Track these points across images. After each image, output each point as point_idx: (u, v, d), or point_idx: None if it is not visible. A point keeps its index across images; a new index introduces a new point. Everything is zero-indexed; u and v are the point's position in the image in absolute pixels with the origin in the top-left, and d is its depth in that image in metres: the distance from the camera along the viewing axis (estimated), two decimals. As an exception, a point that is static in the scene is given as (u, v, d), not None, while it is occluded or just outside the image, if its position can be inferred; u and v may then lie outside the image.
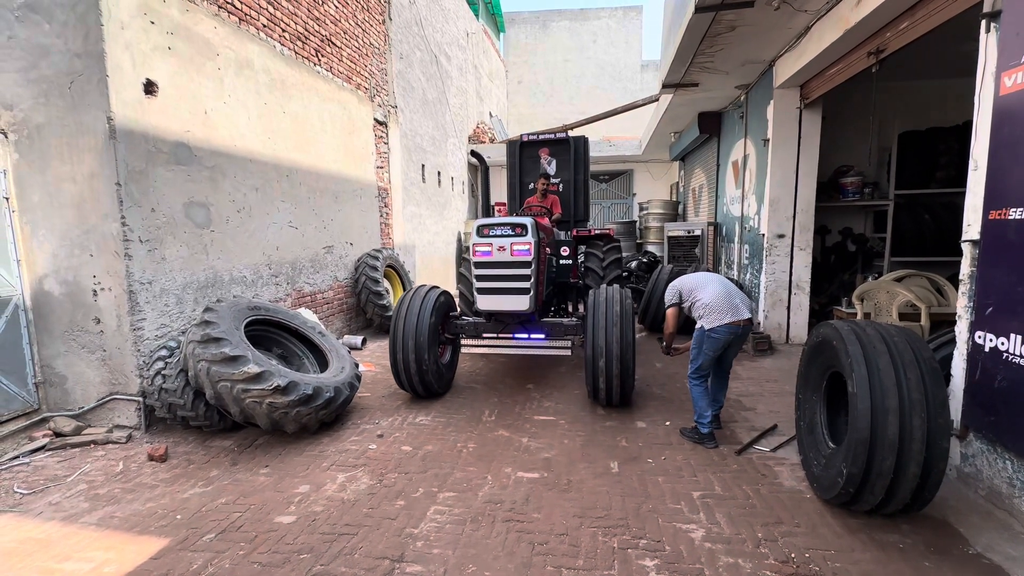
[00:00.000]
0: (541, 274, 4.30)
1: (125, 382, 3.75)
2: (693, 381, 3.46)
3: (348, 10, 6.76)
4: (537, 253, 4.09)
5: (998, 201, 2.46)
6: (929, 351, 2.33)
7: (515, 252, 4.02)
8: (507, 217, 4.36)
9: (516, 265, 4.05)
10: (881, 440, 2.18)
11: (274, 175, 5.19)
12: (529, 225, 4.07)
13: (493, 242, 4.06)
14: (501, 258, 4.05)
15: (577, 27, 18.78)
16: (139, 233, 3.69)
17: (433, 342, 4.16)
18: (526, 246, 4.02)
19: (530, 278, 4.04)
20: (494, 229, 4.10)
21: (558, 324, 4.28)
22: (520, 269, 4.05)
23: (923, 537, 2.33)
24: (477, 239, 4.12)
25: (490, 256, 4.07)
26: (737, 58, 5.59)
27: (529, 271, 4.04)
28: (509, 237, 4.05)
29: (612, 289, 3.95)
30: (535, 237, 4.07)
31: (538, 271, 4.15)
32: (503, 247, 4.04)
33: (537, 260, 4.10)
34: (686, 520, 2.53)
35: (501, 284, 4.10)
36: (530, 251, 4.01)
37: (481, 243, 4.09)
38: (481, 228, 4.15)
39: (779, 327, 6.06)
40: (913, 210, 6.30)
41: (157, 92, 3.83)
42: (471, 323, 4.52)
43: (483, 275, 4.13)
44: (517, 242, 4.02)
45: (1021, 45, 2.32)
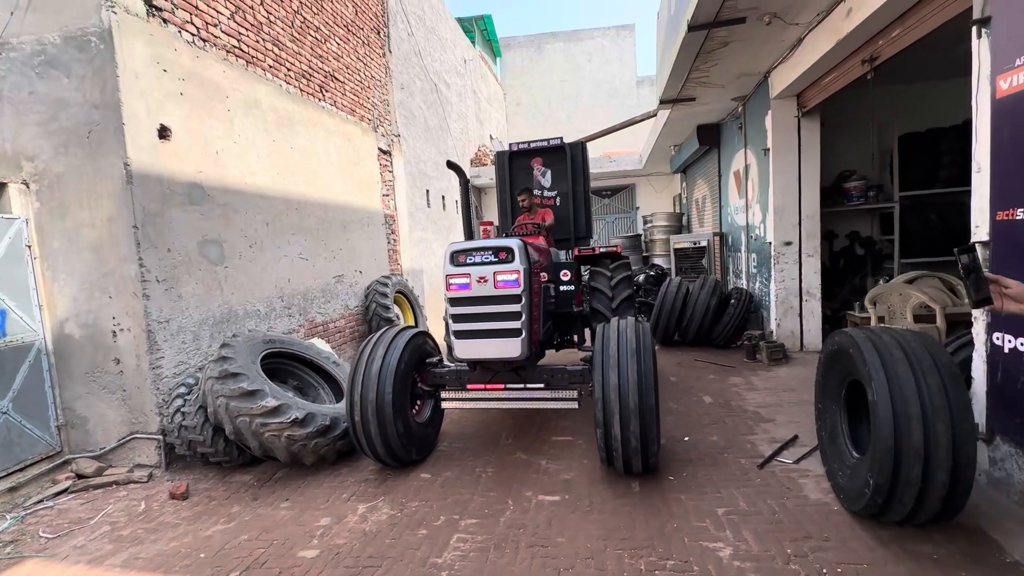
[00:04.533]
0: (536, 308, 3.54)
1: (145, 421, 3.79)
2: None
3: (349, 46, 6.98)
4: (528, 283, 3.30)
5: (1004, 202, 2.47)
6: (947, 355, 2.31)
7: (500, 284, 3.22)
8: (488, 240, 3.43)
9: (502, 300, 3.24)
10: (906, 448, 2.15)
11: (284, 209, 5.30)
12: (516, 249, 3.25)
13: (472, 272, 3.25)
14: (482, 292, 3.25)
15: (571, 48, 19.16)
16: (156, 273, 3.78)
17: (403, 397, 3.35)
18: (513, 275, 3.21)
19: (520, 315, 3.22)
20: (472, 255, 3.29)
21: (560, 371, 3.46)
22: (507, 305, 3.24)
23: (958, 546, 2.28)
24: (451, 269, 3.29)
25: (468, 290, 3.26)
26: (732, 72, 5.69)
27: (519, 307, 3.22)
28: (491, 265, 3.25)
29: (625, 324, 3.14)
30: (525, 263, 3.26)
31: (531, 305, 3.34)
32: (484, 278, 3.23)
33: (529, 292, 3.30)
34: (712, 538, 2.49)
35: (484, 325, 3.29)
36: (518, 281, 3.21)
37: (456, 274, 3.28)
38: (455, 255, 3.31)
39: (792, 335, 6.01)
40: (919, 211, 6.28)
41: (170, 136, 3.96)
42: (452, 372, 3.64)
43: (461, 314, 3.31)
44: (502, 271, 3.21)
45: (1013, 49, 2.36)
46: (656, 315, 6.69)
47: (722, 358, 5.97)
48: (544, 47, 19.34)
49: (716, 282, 6.61)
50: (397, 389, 3.29)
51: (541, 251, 4.18)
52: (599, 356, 2.98)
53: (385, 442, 3.27)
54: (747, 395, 4.62)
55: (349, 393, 3.32)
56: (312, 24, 6.08)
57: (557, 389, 3.36)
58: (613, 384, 2.84)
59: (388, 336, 3.50)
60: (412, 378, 3.58)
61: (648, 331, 3.12)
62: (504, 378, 3.51)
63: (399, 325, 3.58)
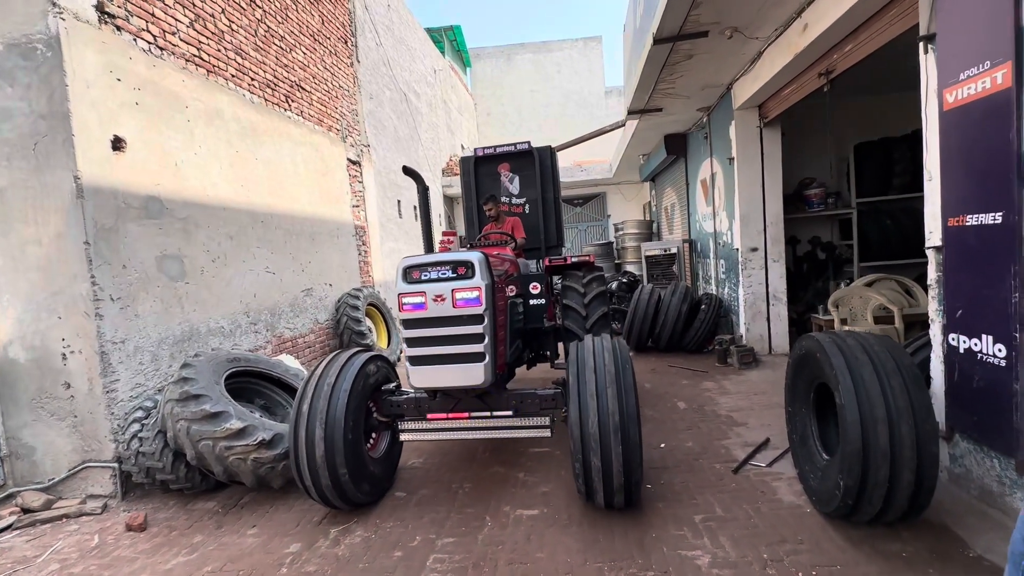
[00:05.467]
0: (501, 328, 3.24)
1: (99, 448, 3.57)
2: None
3: (316, 55, 6.87)
4: (492, 300, 2.99)
5: (954, 209, 2.58)
6: (909, 358, 2.39)
7: (459, 303, 2.90)
8: (445, 254, 3.05)
9: (462, 321, 2.93)
10: (874, 450, 2.20)
11: (248, 222, 5.14)
12: (476, 263, 2.93)
13: (427, 290, 2.93)
14: (439, 312, 2.92)
15: (541, 59, 19.41)
16: (110, 291, 3.58)
17: (355, 433, 2.97)
18: (474, 292, 2.89)
19: (483, 337, 2.92)
20: (427, 271, 2.95)
21: (530, 395, 3.17)
22: (468, 326, 2.92)
23: (925, 544, 2.34)
24: (404, 287, 2.95)
25: (423, 310, 2.93)
26: (697, 83, 5.84)
27: (481, 328, 2.91)
28: (449, 281, 2.92)
29: (601, 344, 2.88)
30: (487, 278, 2.94)
31: (495, 325, 3.04)
32: (441, 296, 2.91)
33: (492, 310, 3.00)
34: (691, 547, 2.49)
35: (442, 349, 2.96)
36: (480, 299, 2.89)
37: (410, 292, 2.94)
38: (408, 271, 2.97)
39: (761, 338, 6.16)
40: (875, 216, 6.56)
41: (125, 148, 3.79)
42: (411, 400, 3.29)
43: (416, 337, 2.98)
44: (461, 287, 2.90)
45: (958, 64, 2.49)
46: (629, 322, 6.76)
47: (694, 363, 6.07)
48: (514, 58, 19.53)
49: (687, 288, 6.73)
50: (348, 425, 2.91)
51: (509, 262, 3.95)
52: (574, 380, 2.74)
53: (335, 485, 2.88)
54: (720, 399, 4.69)
55: (293, 431, 2.91)
56: (277, 33, 5.96)
57: (527, 416, 3.10)
58: (591, 413, 2.58)
59: (338, 363, 3.11)
60: (367, 408, 3.24)
61: (626, 349, 2.87)
62: (468, 405, 3.22)
63: (350, 349, 3.27)
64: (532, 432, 3.04)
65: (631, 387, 2.66)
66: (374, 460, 3.23)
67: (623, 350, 2.85)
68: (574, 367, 2.80)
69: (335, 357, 3.18)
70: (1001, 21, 2.23)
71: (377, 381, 3.31)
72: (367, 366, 3.19)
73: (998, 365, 2.35)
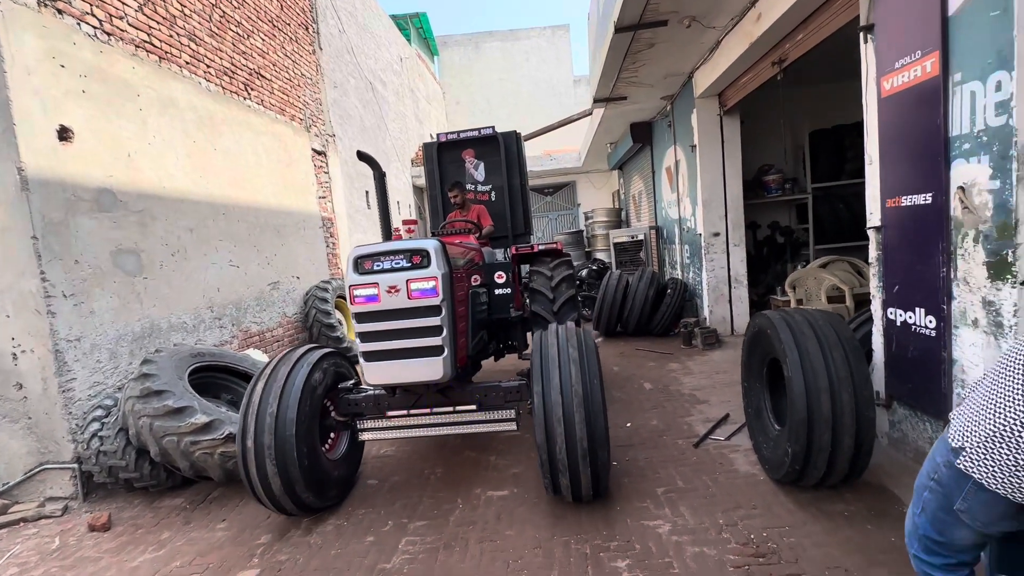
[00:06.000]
0: (462, 319, 3.13)
1: (57, 449, 3.47)
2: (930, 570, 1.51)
3: (276, 42, 6.68)
4: (450, 290, 2.88)
5: (892, 191, 2.75)
6: (849, 331, 2.55)
7: (414, 294, 2.76)
8: (398, 242, 2.89)
9: (418, 313, 2.78)
10: (818, 417, 2.35)
11: (209, 214, 5.00)
12: (432, 251, 2.79)
13: (380, 281, 2.76)
14: (394, 304, 2.76)
15: (509, 47, 19.28)
16: (62, 288, 3.46)
17: (310, 436, 2.81)
18: (430, 283, 2.75)
19: (441, 330, 2.79)
20: (380, 261, 2.79)
21: (494, 388, 3.08)
22: (424, 318, 2.78)
23: (865, 503, 2.52)
24: (355, 278, 2.79)
25: (377, 303, 2.77)
26: (659, 72, 5.95)
27: (438, 320, 2.78)
28: (403, 271, 2.77)
29: (564, 332, 2.79)
30: (443, 267, 2.81)
31: (454, 316, 2.94)
32: (395, 287, 2.75)
33: (451, 300, 2.88)
34: (652, 517, 2.62)
35: (398, 343, 2.81)
36: (436, 289, 2.75)
37: (362, 284, 2.77)
38: (360, 261, 2.81)
39: (724, 320, 6.39)
40: (829, 201, 6.86)
41: (73, 138, 3.64)
42: (370, 397, 3.12)
43: (370, 332, 2.82)
44: (416, 277, 2.75)
45: (894, 53, 2.63)
46: (599, 308, 6.89)
47: (661, 346, 6.25)
48: (482, 46, 19.34)
49: (653, 274, 6.90)
50: (301, 428, 2.73)
51: (472, 251, 3.84)
52: (537, 371, 2.64)
53: (290, 494, 2.70)
54: (684, 379, 4.86)
55: (240, 438, 2.71)
56: (233, 19, 5.76)
57: (492, 409, 3.01)
58: (555, 405, 2.50)
59: (288, 361, 2.92)
60: (323, 408, 3.09)
61: (590, 337, 2.81)
62: (430, 401, 3.10)
63: (305, 346, 3.11)
64: (497, 426, 2.97)
65: (597, 379, 2.59)
66: (333, 462, 3.06)
67: (588, 339, 2.78)
68: (537, 357, 2.72)
69: (286, 355, 3.00)
70: (930, 12, 2.37)
71: (333, 378, 3.14)
72: (321, 363, 3.02)
73: (929, 336, 2.53)
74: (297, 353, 3.03)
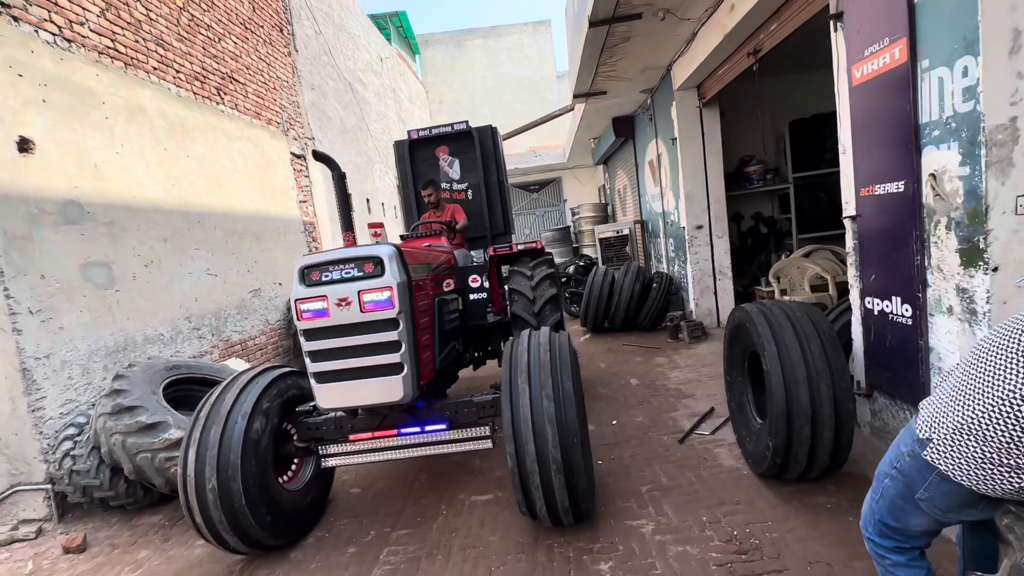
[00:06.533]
0: (426, 331, 2.85)
1: (28, 470, 3.37)
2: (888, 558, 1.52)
3: (248, 45, 6.56)
4: (409, 300, 2.59)
5: (865, 179, 2.74)
6: (827, 322, 2.54)
7: (367, 306, 2.46)
8: (347, 249, 2.58)
9: (372, 327, 2.48)
10: (796, 410, 2.34)
11: (183, 223, 4.90)
12: (386, 257, 2.51)
13: (329, 293, 2.46)
14: (345, 318, 2.47)
15: (491, 44, 19.18)
16: (28, 304, 3.36)
17: (262, 470, 2.54)
18: (384, 293, 2.46)
19: (399, 346, 2.50)
20: (328, 271, 2.49)
21: (466, 403, 2.80)
22: (379, 333, 2.48)
23: (847, 494, 2.52)
24: (301, 291, 2.49)
25: (326, 318, 2.47)
26: (637, 65, 5.92)
27: (395, 334, 2.49)
28: (354, 281, 2.48)
29: (537, 340, 2.54)
30: (400, 275, 2.53)
31: (414, 330, 2.63)
32: (346, 299, 2.45)
33: (410, 311, 2.59)
34: (636, 516, 2.59)
35: (351, 362, 2.51)
36: (392, 301, 2.46)
37: (309, 297, 2.47)
38: (306, 272, 2.51)
39: (710, 312, 6.39)
40: (810, 190, 6.88)
41: (34, 149, 3.53)
42: (331, 420, 2.81)
43: (319, 350, 2.52)
44: (368, 288, 2.46)
45: (863, 41, 2.62)
46: (585, 304, 6.87)
47: (648, 340, 6.24)
48: (464, 43, 19.23)
49: (639, 268, 6.89)
50: (248, 461, 2.46)
51: (443, 254, 3.63)
52: (506, 389, 2.38)
53: (240, 535, 2.45)
54: (670, 374, 4.86)
55: (181, 474, 2.45)
56: (203, 22, 5.64)
57: (464, 427, 2.74)
58: (524, 422, 2.25)
59: (237, 385, 2.64)
60: (283, 432, 2.85)
61: (566, 345, 2.56)
62: (396, 420, 2.80)
63: (257, 367, 2.86)
64: (471, 445, 2.71)
65: (571, 391, 2.33)
66: (293, 493, 2.79)
67: (563, 347, 2.52)
68: (507, 369, 2.45)
69: (236, 378, 2.74)
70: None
71: (290, 401, 2.86)
72: (276, 384, 2.76)
73: (906, 324, 2.53)
74: (249, 375, 2.75)
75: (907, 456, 1.38)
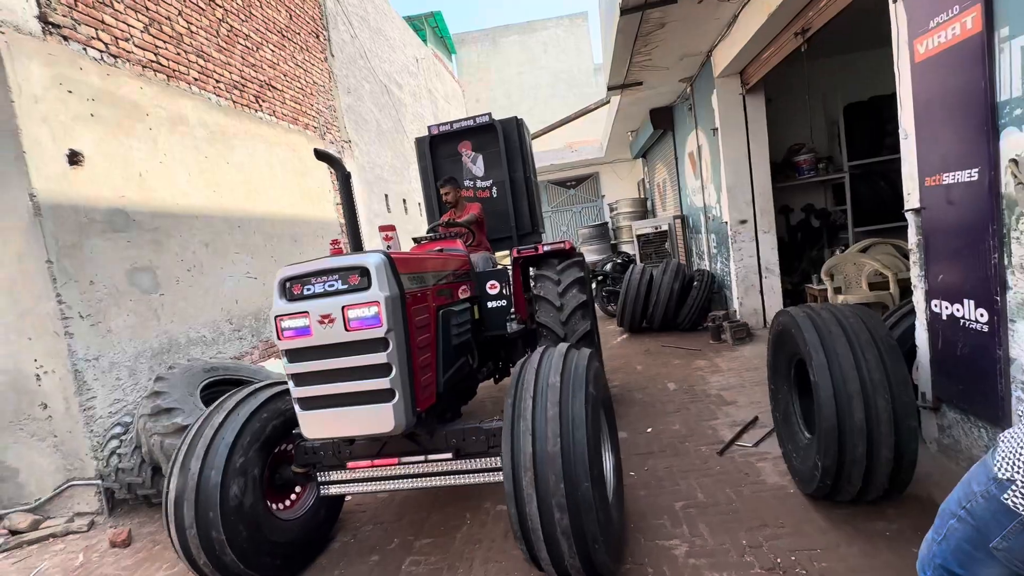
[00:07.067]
0: (426, 349, 2.50)
1: (81, 466, 3.56)
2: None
3: (285, 52, 6.72)
4: (402, 316, 2.24)
5: (931, 168, 2.44)
6: (885, 328, 2.28)
7: (352, 324, 2.14)
8: (332, 259, 2.25)
9: (358, 348, 2.16)
10: (849, 427, 2.11)
11: (224, 228, 5.06)
12: (373, 267, 2.16)
13: (311, 308, 2.15)
14: (328, 338, 2.16)
15: (527, 40, 19.03)
16: (79, 309, 3.54)
17: (247, 495, 2.33)
18: (371, 309, 2.13)
19: (389, 369, 2.16)
20: (311, 284, 2.19)
21: (474, 430, 2.44)
22: (366, 355, 2.16)
23: (910, 520, 2.25)
24: (282, 306, 2.20)
25: (309, 336, 2.17)
26: (674, 53, 5.63)
27: (384, 356, 2.15)
28: (338, 295, 2.17)
29: (549, 361, 2.18)
30: (390, 288, 2.18)
31: (409, 350, 2.28)
32: (329, 316, 2.14)
33: (403, 329, 2.24)
34: (668, 536, 2.42)
35: (336, 387, 2.21)
36: (379, 318, 2.12)
37: (290, 313, 2.18)
38: (288, 284, 2.22)
39: (755, 312, 6.03)
40: (869, 179, 6.36)
41: (83, 161, 3.71)
42: (328, 445, 2.55)
43: (302, 373, 2.23)
44: (353, 303, 2.14)
45: (927, 11, 2.32)
46: (622, 303, 6.65)
47: (688, 341, 5.96)
48: (499, 40, 19.17)
49: (679, 265, 6.59)
50: (229, 491, 2.26)
51: (457, 259, 3.34)
52: (508, 415, 2.04)
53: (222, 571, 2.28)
54: (711, 378, 4.59)
55: (163, 504, 2.31)
56: (241, 32, 5.82)
57: (472, 457, 2.41)
58: (524, 468, 1.89)
59: (225, 407, 2.45)
60: (280, 457, 2.66)
61: (585, 364, 2.17)
62: (397, 447, 2.51)
63: (249, 387, 2.66)
64: (480, 478, 2.41)
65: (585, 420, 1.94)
66: (288, 523, 2.56)
67: (580, 367, 2.12)
68: (509, 399, 2.09)
69: (225, 399, 2.55)
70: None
71: (285, 423, 2.60)
72: (268, 406, 2.53)
73: (981, 331, 2.23)
74: (238, 396, 2.55)
75: (980, 497, 1.17)
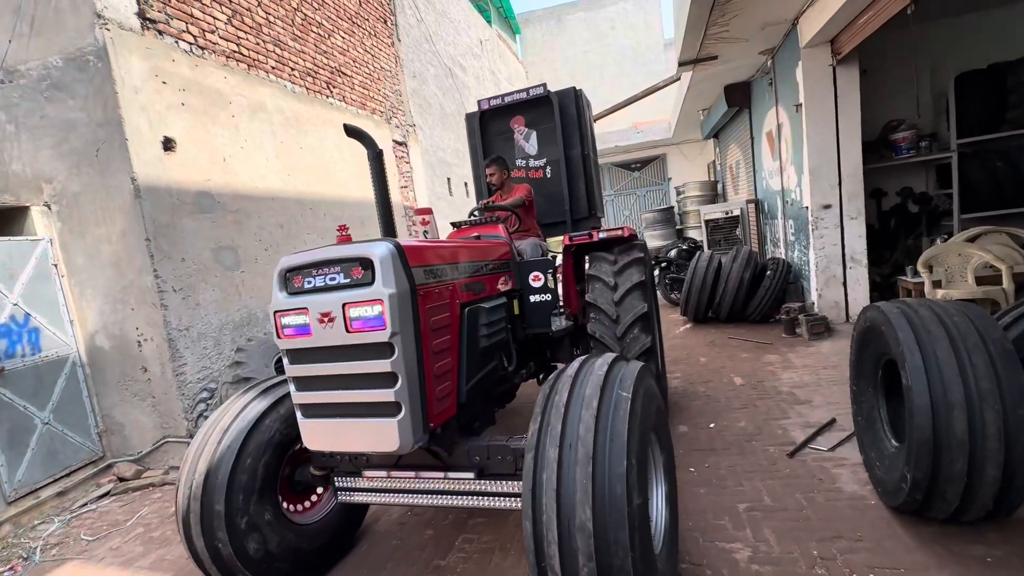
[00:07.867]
0: (441, 356, 2.13)
1: (175, 425, 3.95)
2: None
3: (355, 39, 6.90)
4: (413, 315, 1.92)
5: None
6: (999, 330, 1.99)
7: (354, 325, 1.84)
8: (336, 247, 1.93)
9: (360, 353, 1.87)
10: (947, 440, 1.88)
11: (297, 210, 5.34)
12: (378, 260, 1.83)
13: (310, 305, 1.88)
14: (329, 339, 1.88)
15: (593, 16, 18.37)
16: (172, 283, 3.88)
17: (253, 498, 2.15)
18: (374, 308, 1.82)
19: (395, 379, 1.85)
20: (311, 276, 1.91)
21: (500, 448, 2.10)
22: (368, 361, 1.86)
23: (1015, 547, 1.99)
24: (281, 300, 1.95)
25: (308, 336, 1.91)
26: (755, 22, 5.20)
27: (388, 363, 1.84)
28: (338, 291, 1.87)
29: (585, 376, 1.76)
30: (398, 284, 1.85)
31: (419, 357, 1.94)
32: (329, 315, 1.86)
33: (415, 332, 1.93)
34: (730, 538, 2.30)
35: (337, 395, 1.95)
36: (383, 319, 1.81)
37: (289, 309, 1.93)
38: (288, 275, 1.96)
39: (836, 306, 5.56)
40: (982, 158, 5.60)
41: (175, 147, 4.03)
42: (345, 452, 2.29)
43: (302, 377, 2.00)
44: (354, 300, 1.83)
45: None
46: (686, 292, 6.37)
47: (758, 334, 5.61)
48: (564, 19, 18.64)
49: (750, 253, 6.19)
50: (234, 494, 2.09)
51: (496, 247, 2.94)
52: (532, 442, 1.65)
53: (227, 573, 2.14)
54: (782, 374, 4.30)
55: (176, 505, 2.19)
56: (314, 20, 6.03)
57: (496, 478, 2.07)
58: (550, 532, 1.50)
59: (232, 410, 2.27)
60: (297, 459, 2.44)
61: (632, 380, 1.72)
62: (417, 458, 2.23)
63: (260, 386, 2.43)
64: (504, 502, 2.06)
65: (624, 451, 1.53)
66: (303, 528, 2.36)
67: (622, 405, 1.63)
68: (535, 423, 1.69)
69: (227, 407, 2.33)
70: None
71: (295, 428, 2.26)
72: (277, 408, 2.29)
73: (1124, 337, 1.90)
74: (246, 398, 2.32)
75: None
